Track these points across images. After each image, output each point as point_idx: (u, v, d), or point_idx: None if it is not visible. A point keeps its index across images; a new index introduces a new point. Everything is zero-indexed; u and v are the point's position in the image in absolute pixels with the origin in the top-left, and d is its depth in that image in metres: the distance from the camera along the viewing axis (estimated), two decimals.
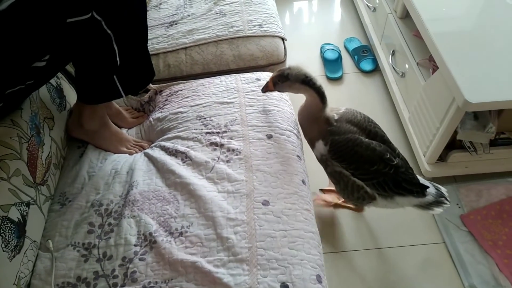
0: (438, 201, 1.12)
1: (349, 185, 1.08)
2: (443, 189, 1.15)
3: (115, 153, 1.10)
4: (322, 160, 1.10)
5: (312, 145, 1.10)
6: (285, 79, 1.01)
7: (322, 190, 1.42)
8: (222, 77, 1.24)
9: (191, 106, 1.15)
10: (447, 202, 1.13)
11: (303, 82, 1.00)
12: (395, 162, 1.03)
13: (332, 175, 1.10)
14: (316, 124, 1.06)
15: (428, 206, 1.13)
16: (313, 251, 0.85)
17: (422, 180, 1.10)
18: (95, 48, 0.89)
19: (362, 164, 1.03)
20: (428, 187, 1.09)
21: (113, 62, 0.93)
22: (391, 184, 1.05)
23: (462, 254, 1.28)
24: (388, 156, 1.02)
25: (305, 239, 0.86)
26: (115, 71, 0.96)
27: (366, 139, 1.02)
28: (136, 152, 1.11)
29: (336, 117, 1.05)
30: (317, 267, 0.83)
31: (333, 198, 1.39)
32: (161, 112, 1.18)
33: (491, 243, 1.29)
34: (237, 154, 1.00)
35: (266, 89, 1.09)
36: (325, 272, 0.86)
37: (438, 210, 1.13)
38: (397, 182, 1.05)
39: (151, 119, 1.19)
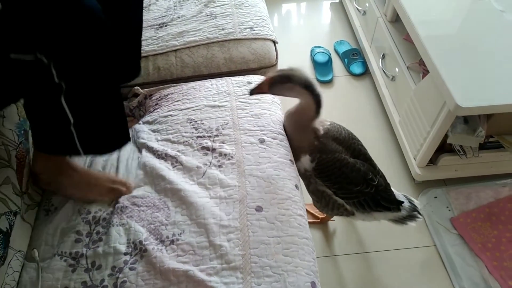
0: (412, 215, 1.14)
1: (330, 203, 1.08)
2: (416, 202, 1.16)
3: (84, 201, 0.93)
4: (305, 176, 1.07)
5: (297, 157, 1.05)
6: (287, 81, 0.94)
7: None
8: (213, 80, 1.23)
9: (182, 110, 1.13)
10: (420, 216, 1.15)
11: (305, 86, 0.94)
12: (376, 182, 1.04)
13: (314, 193, 1.09)
14: (304, 134, 1.02)
15: (402, 220, 1.15)
16: (307, 258, 0.84)
17: (397, 194, 1.12)
18: (42, 99, 0.77)
19: (346, 184, 1.02)
20: (403, 202, 1.11)
21: (63, 118, 0.78)
22: (371, 202, 1.06)
23: (453, 257, 1.29)
24: (371, 176, 1.03)
25: (299, 245, 0.85)
26: (69, 124, 0.79)
27: (351, 159, 1.02)
28: (112, 201, 0.93)
29: (321, 131, 1.01)
30: (311, 274, 0.82)
31: (315, 210, 1.40)
32: (150, 115, 1.15)
33: (481, 246, 1.31)
34: (229, 159, 0.98)
35: (258, 90, 0.99)
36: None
37: (411, 225, 1.15)
38: (376, 201, 1.07)
39: (140, 122, 1.16)
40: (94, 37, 0.72)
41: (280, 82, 0.96)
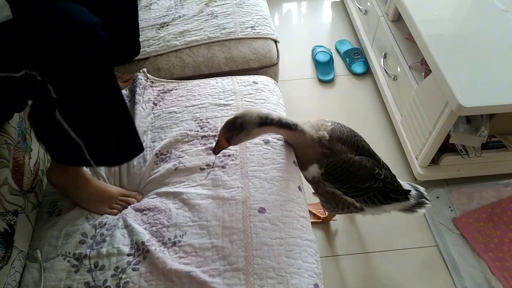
0: (420, 202, 1.14)
1: (340, 203, 1.08)
2: (421, 189, 1.16)
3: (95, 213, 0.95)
4: (313, 181, 1.06)
5: (304, 168, 1.03)
6: (240, 130, 0.89)
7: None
8: (218, 79, 1.22)
9: (187, 107, 1.12)
10: (428, 202, 1.15)
11: (261, 124, 0.89)
12: (383, 176, 1.03)
13: (323, 195, 1.08)
14: (308, 148, 0.99)
15: (411, 208, 1.14)
16: (310, 260, 0.84)
17: (403, 184, 1.12)
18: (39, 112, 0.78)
19: (355, 183, 1.02)
20: (410, 190, 1.11)
21: (64, 131, 0.77)
22: (380, 196, 1.06)
23: (455, 257, 1.28)
24: (377, 171, 1.02)
25: (302, 247, 0.85)
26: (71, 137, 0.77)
27: (357, 157, 1.01)
28: (119, 211, 0.95)
29: (327, 137, 0.98)
30: (314, 276, 0.82)
31: (317, 210, 1.39)
32: (153, 108, 1.15)
33: (483, 246, 1.30)
34: (233, 160, 0.98)
35: (220, 148, 0.92)
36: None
37: (421, 212, 1.15)
38: (385, 194, 1.06)
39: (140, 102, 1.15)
40: (91, 55, 0.70)
41: (236, 134, 0.89)
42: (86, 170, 0.96)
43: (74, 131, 0.77)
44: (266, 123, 0.89)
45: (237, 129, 0.88)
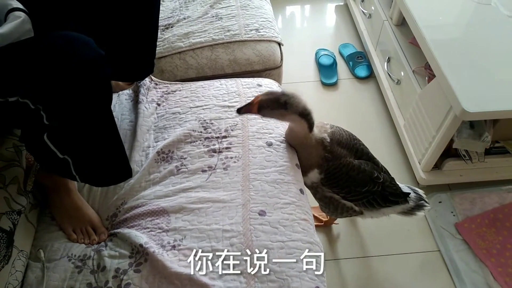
0: (419, 204, 1.14)
1: (338, 208, 1.08)
2: (420, 191, 1.16)
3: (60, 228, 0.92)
4: (312, 187, 1.06)
5: (304, 173, 1.03)
6: (280, 107, 0.88)
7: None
8: (222, 80, 1.23)
9: (191, 108, 1.13)
10: (427, 204, 1.15)
11: (300, 114, 0.89)
12: (381, 179, 1.03)
13: (322, 200, 1.08)
14: (311, 149, 0.99)
15: (410, 211, 1.14)
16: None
17: (402, 186, 1.12)
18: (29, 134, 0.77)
19: (354, 187, 1.02)
20: (410, 193, 1.11)
21: (51, 151, 0.77)
22: (379, 200, 1.06)
23: (457, 263, 1.28)
24: (376, 174, 1.02)
25: (302, 250, 0.84)
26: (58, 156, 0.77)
27: (356, 161, 1.00)
28: (77, 240, 0.90)
29: (328, 139, 0.98)
30: (316, 279, 0.81)
31: (319, 213, 1.39)
32: (156, 109, 1.15)
33: (485, 252, 1.30)
34: (235, 162, 0.98)
35: (246, 110, 0.92)
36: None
37: (420, 214, 1.14)
38: (384, 197, 1.06)
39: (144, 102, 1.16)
40: (91, 92, 0.70)
41: (271, 108, 0.89)
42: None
43: (61, 152, 0.76)
44: (306, 117, 0.90)
45: (277, 104, 0.88)
